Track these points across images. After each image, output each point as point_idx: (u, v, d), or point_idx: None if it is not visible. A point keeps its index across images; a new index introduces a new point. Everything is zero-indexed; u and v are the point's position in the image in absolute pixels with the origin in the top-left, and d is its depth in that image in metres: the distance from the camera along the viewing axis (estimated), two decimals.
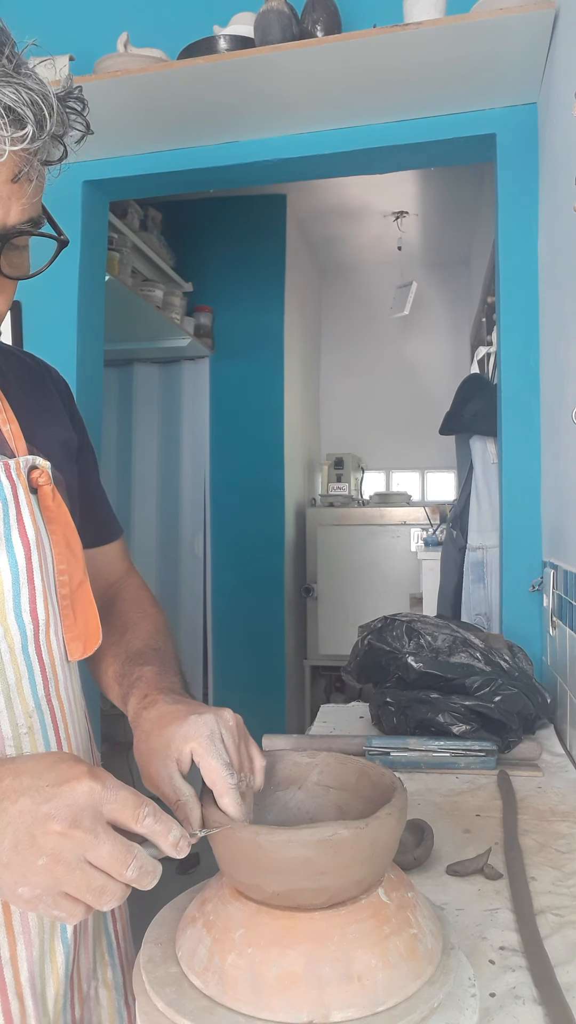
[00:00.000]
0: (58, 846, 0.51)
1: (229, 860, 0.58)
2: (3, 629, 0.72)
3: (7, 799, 0.52)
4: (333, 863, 0.54)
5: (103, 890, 0.52)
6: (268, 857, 0.55)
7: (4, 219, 0.61)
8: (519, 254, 1.89)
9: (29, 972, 0.70)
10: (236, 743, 0.67)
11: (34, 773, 0.54)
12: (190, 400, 3.86)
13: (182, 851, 0.55)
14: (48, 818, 0.51)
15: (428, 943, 0.58)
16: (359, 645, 1.50)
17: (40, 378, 0.89)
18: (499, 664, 1.35)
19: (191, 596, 3.79)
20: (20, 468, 0.74)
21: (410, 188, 3.78)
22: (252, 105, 1.87)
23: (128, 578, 1.00)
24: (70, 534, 0.78)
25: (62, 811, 0.51)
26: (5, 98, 0.57)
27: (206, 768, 0.64)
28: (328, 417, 5.00)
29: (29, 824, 0.51)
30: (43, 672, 0.75)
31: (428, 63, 1.68)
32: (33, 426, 0.80)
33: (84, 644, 0.79)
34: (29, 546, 0.74)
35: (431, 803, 1.09)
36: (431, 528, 3.61)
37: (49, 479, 0.76)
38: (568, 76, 1.46)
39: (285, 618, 3.83)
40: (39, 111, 0.59)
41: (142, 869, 0.52)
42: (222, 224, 3.86)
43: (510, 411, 1.89)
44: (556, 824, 1.01)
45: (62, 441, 0.86)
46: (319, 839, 0.54)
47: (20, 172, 0.60)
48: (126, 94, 1.78)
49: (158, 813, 0.54)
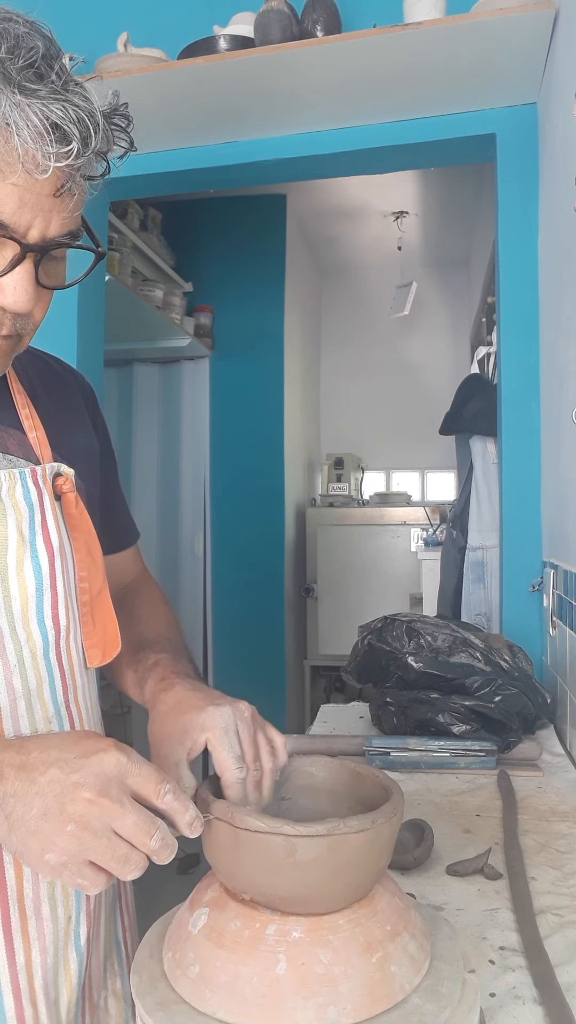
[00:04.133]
0: (86, 813, 0.53)
1: (213, 852, 0.60)
2: (26, 634, 0.72)
3: (36, 770, 0.54)
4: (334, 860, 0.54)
5: (127, 859, 0.53)
6: (250, 843, 0.56)
7: (44, 231, 0.62)
8: (519, 254, 1.89)
9: (43, 979, 0.71)
10: (251, 734, 0.69)
11: (62, 746, 0.56)
12: (190, 400, 3.86)
13: (196, 831, 0.57)
14: (77, 786, 0.53)
15: (413, 958, 0.57)
16: (359, 645, 1.50)
17: (66, 383, 0.90)
18: (499, 664, 1.35)
19: (191, 596, 3.79)
20: (46, 475, 0.76)
21: (410, 188, 3.78)
22: (252, 105, 1.87)
23: (142, 578, 1.02)
24: (91, 541, 0.79)
25: (91, 780, 0.53)
26: (52, 115, 0.58)
27: (218, 759, 0.67)
28: (328, 417, 5.00)
29: (58, 793, 0.53)
30: (63, 678, 0.76)
31: (428, 63, 1.68)
32: (58, 433, 0.81)
33: (103, 651, 0.80)
34: (53, 552, 0.75)
35: (431, 803, 1.09)
36: (431, 528, 3.61)
37: (73, 486, 0.77)
38: (568, 76, 1.46)
39: (285, 618, 3.83)
40: (84, 128, 0.60)
41: (163, 841, 0.54)
42: (222, 224, 3.86)
43: (510, 411, 1.89)
44: (556, 824, 1.01)
45: (85, 448, 0.87)
46: (312, 832, 0.54)
47: (63, 187, 0.61)
48: (126, 94, 1.77)
49: (177, 791, 0.57)
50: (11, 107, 0.57)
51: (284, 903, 0.56)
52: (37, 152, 0.58)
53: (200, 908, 0.60)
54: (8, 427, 0.77)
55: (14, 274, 0.63)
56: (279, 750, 0.71)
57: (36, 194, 0.60)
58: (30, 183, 0.59)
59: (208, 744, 0.68)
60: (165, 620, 0.92)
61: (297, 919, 0.56)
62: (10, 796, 0.54)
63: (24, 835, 0.54)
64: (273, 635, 3.81)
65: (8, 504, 0.72)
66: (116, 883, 0.86)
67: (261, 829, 0.55)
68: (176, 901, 0.65)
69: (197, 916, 0.59)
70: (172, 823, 0.56)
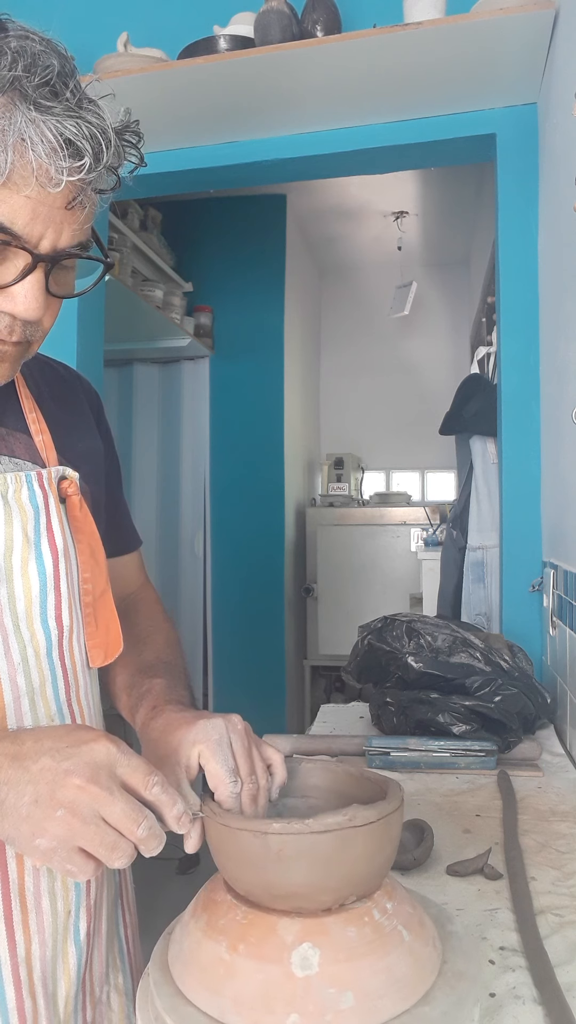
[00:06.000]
0: (76, 799, 0.54)
1: (218, 851, 0.60)
2: (30, 633, 0.74)
3: (29, 759, 0.56)
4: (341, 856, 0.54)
5: (115, 846, 0.55)
6: (243, 844, 0.56)
7: (55, 242, 0.64)
8: (519, 254, 1.89)
9: (41, 971, 0.72)
10: (246, 747, 0.68)
11: (54, 736, 0.58)
12: (190, 400, 3.86)
13: (183, 826, 0.59)
14: (68, 773, 0.55)
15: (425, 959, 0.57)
16: (359, 645, 1.50)
17: (72, 388, 0.91)
18: (499, 664, 1.35)
19: (191, 596, 3.79)
20: (51, 478, 0.77)
21: (410, 188, 3.78)
22: (252, 105, 1.87)
23: (144, 591, 1.02)
24: (95, 544, 0.81)
25: (81, 767, 0.55)
26: (67, 131, 0.60)
27: (210, 773, 0.66)
28: (328, 417, 5.00)
29: (50, 780, 0.55)
30: (65, 677, 0.77)
31: (428, 63, 1.68)
32: (63, 437, 0.82)
33: (105, 651, 0.81)
34: (57, 554, 0.76)
35: (431, 803, 1.09)
36: (431, 528, 3.61)
37: (77, 489, 0.79)
38: (568, 76, 1.46)
39: (285, 618, 3.83)
40: (97, 144, 0.62)
41: (151, 831, 0.56)
42: (222, 224, 3.86)
43: (510, 411, 1.89)
44: (556, 824, 1.01)
45: (90, 452, 0.88)
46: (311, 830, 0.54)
47: (74, 199, 0.63)
48: (126, 94, 1.77)
49: (165, 784, 0.58)
50: (27, 123, 0.59)
51: (274, 900, 0.56)
52: (51, 167, 0.60)
53: (202, 908, 0.60)
54: (15, 430, 0.78)
55: (25, 283, 0.64)
56: (277, 767, 0.69)
57: (49, 206, 0.62)
58: (43, 196, 0.61)
59: (200, 758, 0.67)
60: (164, 639, 0.92)
61: (295, 919, 0.56)
62: (3, 784, 0.56)
63: (16, 820, 0.55)
64: (273, 635, 3.81)
65: (14, 506, 0.73)
66: (118, 880, 0.87)
67: (245, 827, 0.56)
68: (176, 901, 0.66)
69: (199, 916, 0.60)
70: (160, 816, 0.57)
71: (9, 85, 0.59)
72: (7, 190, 0.60)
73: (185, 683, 0.84)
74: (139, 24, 1.95)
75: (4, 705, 0.71)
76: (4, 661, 0.71)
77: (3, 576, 0.72)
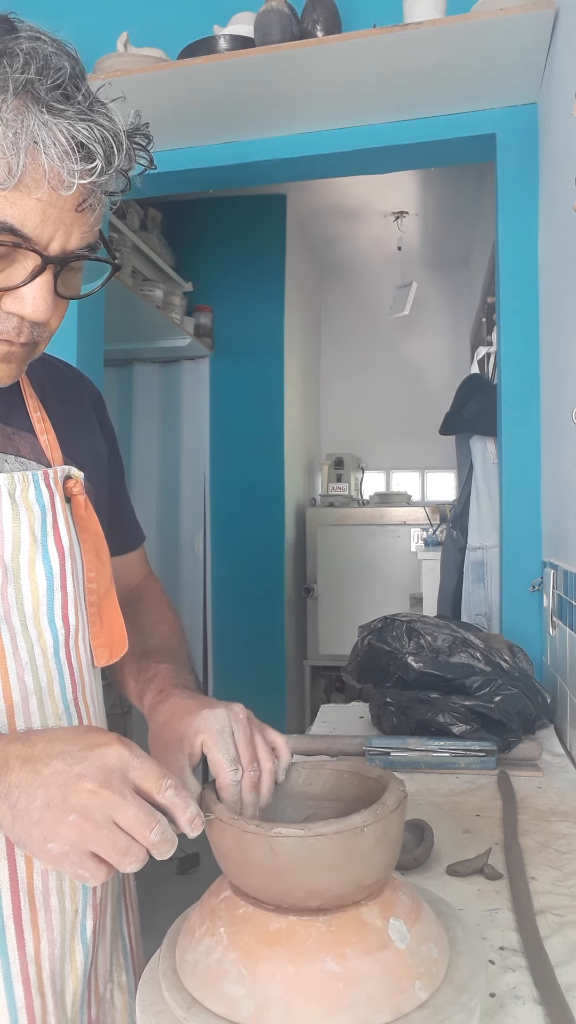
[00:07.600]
0: (88, 804, 0.54)
1: (224, 854, 0.60)
2: (37, 632, 0.74)
3: (40, 762, 0.56)
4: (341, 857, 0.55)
5: (127, 850, 0.54)
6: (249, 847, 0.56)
7: (65, 244, 0.64)
8: (519, 254, 1.89)
9: (50, 970, 0.72)
10: (247, 736, 0.70)
11: (66, 739, 0.57)
12: (190, 400, 3.86)
13: (196, 829, 0.58)
14: (80, 777, 0.54)
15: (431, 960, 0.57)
16: (359, 645, 1.50)
17: (75, 388, 0.92)
18: (499, 664, 1.35)
19: (191, 596, 3.79)
20: (57, 477, 0.77)
21: (410, 188, 3.78)
22: (252, 105, 1.87)
23: (148, 582, 1.04)
24: (99, 543, 0.81)
25: (93, 771, 0.55)
26: (78, 134, 0.60)
27: (212, 761, 0.68)
28: (328, 417, 5.00)
29: (62, 784, 0.54)
30: (72, 676, 0.77)
31: (428, 63, 1.68)
32: (68, 436, 0.83)
33: (110, 651, 0.82)
34: (63, 553, 0.76)
35: (431, 803, 1.09)
36: (431, 528, 3.61)
37: (82, 489, 0.79)
38: (568, 76, 1.46)
39: (285, 618, 3.83)
40: (108, 148, 0.62)
41: (163, 835, 0.55)
42: (222, 224, 3.86)
43: (510, 411, 1.89)
44: (556, 824, 1.01)
45: (94, 452, 0.88)
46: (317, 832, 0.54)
47: (84, 202, 0.63)
48: (126, 94, 1.77)
49: (179, 787, 0.58)
50: (39, 126, 0.59)
51: (281, 901, 0.56)
52: (63, 169, 0.60)
53: (209, 910, 0.61)
54: (21, 430, 0.78)
55: (34, 284, 0.64)
56: (281, 750, 0.72)
57: (59, 209, 0.62)
58: (54, 198, 0.61)
59: (203, 747, 0.69)
60: (169, 627, 0.94)
61: (302, 919, 0.56)
62: (15, 787, 0.55)
63: (27, 824, 0.55)
64: (273, 635, 3.81)
65: (21, 505, 0.74)
66: (121, 879, 0.88)
67: (250, 831, 0.56)
68: (176, 900, 0.66)
69: (204, 917, 0.60)
70: (173, 819, 0.57)
71: (22, 88, 0.59)
72: (18, 192, 0.60)
73: (189, 668, 0.86)
74: (139, 24, 1.95)
75: (12, 704, 0.71)
76: (12, 660, 0.72)
77: (11, 575, 0.73)
